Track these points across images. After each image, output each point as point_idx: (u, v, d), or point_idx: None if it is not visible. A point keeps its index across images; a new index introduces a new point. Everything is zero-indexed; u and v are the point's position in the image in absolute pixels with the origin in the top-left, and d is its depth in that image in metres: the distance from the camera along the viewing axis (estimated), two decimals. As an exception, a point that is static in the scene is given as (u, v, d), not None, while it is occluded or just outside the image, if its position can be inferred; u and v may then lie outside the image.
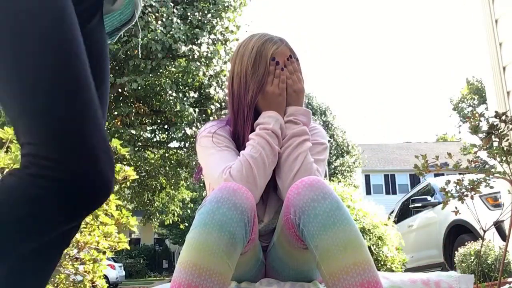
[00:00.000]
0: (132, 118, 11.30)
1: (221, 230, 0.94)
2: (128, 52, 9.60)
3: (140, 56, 9.46)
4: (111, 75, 10.09)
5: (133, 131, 10.81)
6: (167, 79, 10.39)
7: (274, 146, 1.18)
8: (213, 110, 10.64)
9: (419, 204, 5.24)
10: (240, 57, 1.30)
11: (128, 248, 2.36)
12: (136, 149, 11.44)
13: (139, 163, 12.64)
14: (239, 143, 1.27)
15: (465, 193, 2.05)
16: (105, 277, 2.61)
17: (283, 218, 1.07)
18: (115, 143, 2.30)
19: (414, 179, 22.83)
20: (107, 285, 2.53)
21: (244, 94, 1.26)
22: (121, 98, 11.15)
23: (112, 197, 2.27)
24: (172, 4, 9.68)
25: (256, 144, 1.17)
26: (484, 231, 2.01)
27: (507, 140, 1.94)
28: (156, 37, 9.09)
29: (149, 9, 9.27)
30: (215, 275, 0.91)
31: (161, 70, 10.19)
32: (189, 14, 10.03)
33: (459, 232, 4.30)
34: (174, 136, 11.98)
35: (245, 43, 1.32)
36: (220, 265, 0.92)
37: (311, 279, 1.20)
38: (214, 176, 1.17)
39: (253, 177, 1.13)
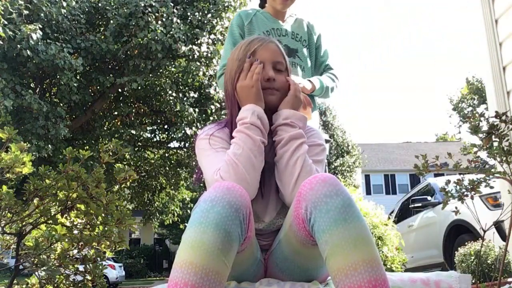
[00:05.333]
0: (132, 118, 11.30)
1: (217, 229, 0.94)
2: (128, 52, 9.60)
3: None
4: (111, 75, 10.10)
5: (133, 131, 10.82)
6: (167, 79, 10.39)
7: (255, 137, 1.18)
8: (213, 110, 10.64)
9: (419, 204, 5.24)
10: (231, 57, 1.34)
11: (128, 248, 2.36)
12: (136, 149, 11.45)
13: (139, 163, 12.65)
14: None
15: (465, 193, 2.05)
16: (105, 277, 2.62)
17: (293, 213, 1.08)
18: (115, 143, 2.30)
19: (414, 179, 22.83)
20: (107, 285, 2.53)
21: (229, 91, 1.32)
22: (121, 98, 11.15)
23: (112, 197, 2.27)
24: (172, 4, 9.67)
25: (238, 140, 1.18)
26: (484, 231, 2.00)
27: (507, 140, 1.94)
28: (156, 37, 9.08)
29: (149, 9, 9.27)
30: (211, 274, 0.91)
31: (161, 70, 10.20)
32: (189, 14, 10.03)
33: (459, 232, 4.30)
34: (174, 136, 11.99)
35: (239, 45, 1.36)
36: (216, 264, 0.92)
37: (314, 278, 1.20)
38: (208, 178, 1.20)
39: (241, 174, 1.13)
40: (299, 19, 2.06)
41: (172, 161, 12.59)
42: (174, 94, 10.19)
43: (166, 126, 12.26)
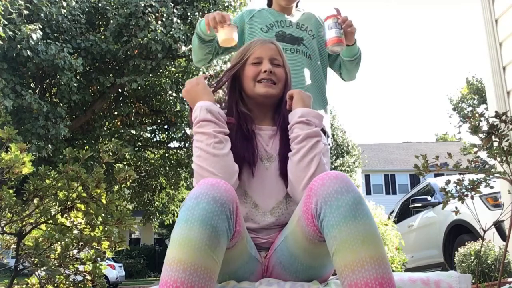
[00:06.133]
0: (132, 118, 11.30)
1: (203, 224, 0.95)
2: (128, 52, 9.59)
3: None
4: (111, 75, 10.09)
5: (133, 131, 10.81)
6: (167, 79, 10.40)
7: (209, 131, 1.21)
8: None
9: (419, 204, 5.24)
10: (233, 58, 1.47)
11: (128, 248, 2.37)
12: (136, 149, 11.44)
13: (139, 163, 12.65)
14: None
15: (465, 193, 2.05)
16: (105, 277, 2.61)
17: (302, 208, 1.08)
18: (115, 143, 2.30)
19: (414, 179, 22.81)
20: (107, 285, 2.53)
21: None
22: (121, 98, 11.15)
23: (112, 197, 2.27)
24: (172, 4, 9.67)
25: (195, 142, 1.23)
26: (484, 231, 2.01)
27: (507, 140, 1.94)
28: (156, 37, 9.08)
29: (149, 9, 9.26)
30: (200, 269, 0.92)
31: (161, 70, 10.19)
32: (189, 14, 10.03)
33: (459, 232, 4.30)
34: (174, 136, 12.00)
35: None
36: (204, 259, 0.93)
37: (318, 277, 1.20)
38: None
39: (208, 173, 1.16)
40: (307, 12, 2.05)
41: (172, 161, 12.59)
42: (174, 94, 10.19)
43: (166, 126, 12.26)
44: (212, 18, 1.61)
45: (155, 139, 12.77)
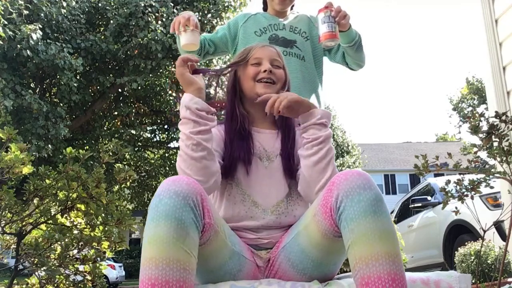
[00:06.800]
0: (132, 118, 11.30)
1: (167, 219, 0.96)
2: (128, 52, 9.60)
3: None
4: (111, 75, 10.10)
5: (133, 131, 10.82)
6: (167, 79, 10.41)
7: (186, 133, 1.20)
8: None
9: (419, 204, 5.24)
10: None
11: (128, 248, 2.36)
12: (136, 149, 11.45)
13: (139, 163, 12.65)
14: None
15: (465, 193, 2.05)
16: (105, 277, 2.61)
17: (321, 202, 1.10)
18: (115, 143, 2.30)
19: (414, 179, 22.82)
20: (107, 285, 2.53)
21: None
22: (121, 98, 11.15)
23: (112, 197, 2.27)
24: (172, 4, 9.67)
25: (179, 141, 1.23)
26: (484, 231, 2.01)
27: (507, 140, 1.94)
28: (156, 37, 9.09)
29: (149, 9, 9.27)
30: (173, 263, 0.93)
31: (161, 70, 10.20)
32: (189, 14, 10.03)
33: (459, 232, 4.30)
34: (174, 136, 12.00)
35: None
36: (175, 252, 0.94)
37: (325, 275, 1.20)
38: None
39: (185, 174, 1.17)
40: (300, 14, 2.05)
41: (172, 161, 12.59)
42: (174, 94, 10.20)
43: (166, 126, 12.27)
44: (176, 21, 1.60)
45: (155, 139, 12.79)
